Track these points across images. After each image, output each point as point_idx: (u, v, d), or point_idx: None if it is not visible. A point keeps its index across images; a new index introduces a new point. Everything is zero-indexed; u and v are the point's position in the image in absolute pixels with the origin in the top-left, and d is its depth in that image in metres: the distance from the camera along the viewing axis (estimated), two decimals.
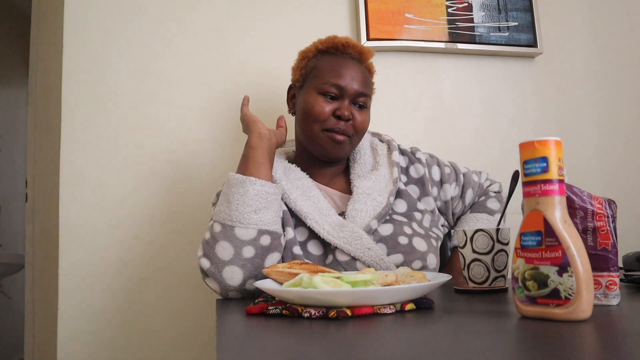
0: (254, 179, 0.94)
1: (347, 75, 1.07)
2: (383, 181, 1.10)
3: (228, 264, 0.90)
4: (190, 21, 1.45)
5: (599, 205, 0.67)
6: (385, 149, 1.18)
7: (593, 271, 0.59)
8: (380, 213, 1.04)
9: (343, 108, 1.06)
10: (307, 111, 1.08)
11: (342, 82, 1.07)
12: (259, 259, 0.91)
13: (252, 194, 0.93)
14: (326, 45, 1.13)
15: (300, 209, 1.02)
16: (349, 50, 1.11)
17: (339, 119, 1.06)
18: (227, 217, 0.92)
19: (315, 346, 0.51)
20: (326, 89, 1.07)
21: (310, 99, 1.08)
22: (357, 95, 1.08)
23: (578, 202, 0.67)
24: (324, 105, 1.06)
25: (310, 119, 1.07)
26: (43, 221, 1.52)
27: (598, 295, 0.65)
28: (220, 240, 0.91)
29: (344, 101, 1.07)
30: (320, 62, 1.11)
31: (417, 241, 1.02)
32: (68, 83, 1.35)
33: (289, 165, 1.12)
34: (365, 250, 0.97)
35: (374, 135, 1.25)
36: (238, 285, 0.90)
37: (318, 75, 1.09)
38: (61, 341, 1.27)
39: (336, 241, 0.98)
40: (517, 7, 1.63)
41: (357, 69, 1.10)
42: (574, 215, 0.67)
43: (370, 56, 1.15)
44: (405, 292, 0.66)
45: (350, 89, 1.07)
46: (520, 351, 0.46)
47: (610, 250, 0.66)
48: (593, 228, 0.67)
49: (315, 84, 1.08)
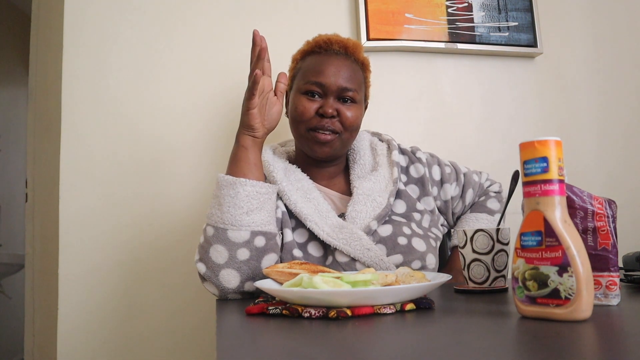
0: (244, 180, 0.92)
1: (328, 71, 1.06)
2: (383, 182, 1.10)
3: (224, 267, 0.89)
4: (190, 21, 1.45)
5: (599, 205, 0.67)
6: (385, 148, 1.17)
7: (593, 271, 0.59)
8: (380, 214, 1.03)
9: (326, 105, 1.04)
10: (292, 112, 1.08)
11: (323, 80, 1.05)
12: (255, 261, 0.90)
13: (243, 195, 0.91)
14: (311, 46, 1.12)
15: (300, 211, 1.02)
16: (333, 47, 1.09)
17: (322, 117, 1.05)
18: (219, 220, 0.91)
19: (315, 346, 0.51)
20: (307, 88, 1.06)
21: (295, 100, 1.07)
22: (341, 90, 1.06)
23: (578, 202, 0.67)
24: (306, 104, 1.05)
25: (296, 120, 1.07)
26: (43, 221, 1.52)
27: (598, 296, 0.65)
28: (214, 244, 0.90)
29: (328, 98, 1.06)
30: (304, 63, 1.10)
31: (416, 241, 1.02)
32: (68, 83, 1.35)
33: (290, 165, 1.11)
34: (365, 251, 0.97)
35: (374, 135, 1.24)
36: (235, 288, 0.90)
37: (302, 76, 1.09)
38: (61, 341, 1.27)
39: (335, 242, 0.98)
40: (517, 7, 1.63)
41: (341, 63, 1.07)
42: (574, 215, 0.67)
43: (358, 49, 1.12)
44: (405, 292, 0.66)
45: (333, 85, 1.05)
46: (520, 351, 0.46)
47: (610, 250, 0.66)
48: (593, 228, 0.67)
49: (300, 84, 1.08)
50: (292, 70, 1.15)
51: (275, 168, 1.07)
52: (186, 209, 1.38)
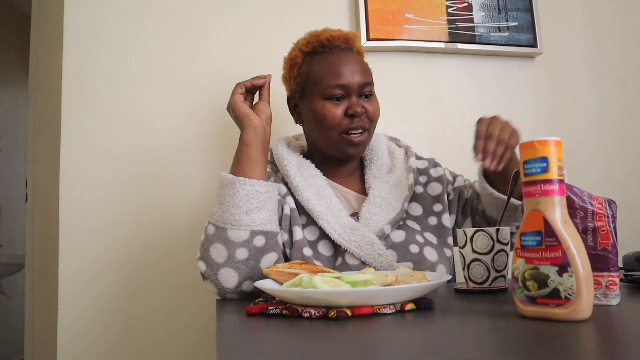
0: (243, 179, 0.91)
1: (345, 71, 1.04)
2: (399, 186, 1.09)
3: (223, 267, 0.89)
4: (190, 21, 1.45)
5: (599, 205, 0.67)
6: (402, 154, 1.17)
7: (593, 271, 0.59)
8: (395, 218, 1.02)
9: (354, 105, 1.03)
10: (319, 120, 1.05)
11: (344, 81, 1.03)
12: (254, 261, 0.90)
13: (242, 194, 0.90)
14: (312, 46, 1.09)
15: (312, 208, 1.01)
16: (336, 43, 1.07)
17: (352, 117, 1.03)
18: (219, 219, 0.91)
19: (315, 346, 0.51)
20: (331, 93, 1.03)
21: (317, 107, 1.04)
22: (361, 87, 1.05)
23: (578, 202, 0.67)
24: (333, 110, 1.03)
25: (325, 127, 1.04)
26: (43, 221, 1.52)
27: (598, 296, 0.65)
28: (214, 243, 0.90)
29: (351, 98, 1.04)
30: (313, 66, 1.07)
31: (428, 251, 1.01)
32: (68, 83, 1.35)
33: (304, 160, 1.10)
34: (376, 256, 0.96)
35: (392, 139, 1.23)
36: (234, 287, 0.90)
37: (317, 81, 1.05)
38: (61, 341, 1.27)
39: (347, 245, 0.97)
40: (517, 7, 1.63)
41: (352, 59, 1.06)
42: (574, 216, 0.67)
43: (357, 39, 1.11)
44: (405, 292, 0.66)
45: (354, 84, 1.04)
46: (520, 351, 0.46)
47: (610, 250, 0.66)
48: (593, 228, 0.67)
49: (318, 90, 1.05)
50: (296, 76, 1.10)
51: (289, 162, 1.06)
52: (187, 209, 1.38)
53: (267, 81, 1.06)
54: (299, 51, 1.10)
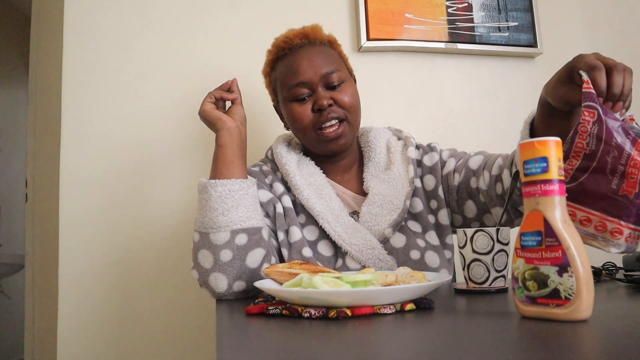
0: (213, 181, 0.90)
1: (302, 67, 1.03)
2: (399, 182, 1.06)
3: (211, 272, 0.88)
4: (190, 21, 1.45)
5: (637, 152, 0.62)
6: (400, 145, 1.13)
7: (603, 213, 0.57)
8: (397, 220, 1.01)
9: (319, 99, 1.02)
10: (293, 123, 1.06)
11: (302, 78, 1.02)
12: (239, 260, 0.88)
13: (215, 197, 0.89)
14: (274, 52, 1.09)
15: (312, 207, 1.01)
16: (295, 42, 1.06)
17: (320, 111, 1.02)
18: (201, 225, 0.90)
19: (315, 346, 0.51)
20: (295, 94, 1.03)
21: (288, 111, 1.06)
22: (324, 77, 1.02)
23: (615, 140, 0.61)
24: (300, 110, 1.03)
25: (299, 129, 1.05)
26: (43, 221, 1.52)
27: (599, 238, 0.63)
28: (200, 249, 0.89)
29: (317, 92, 1.03)
30: (277, 72, 1.08)
31: (429, 256, 1.00)
32: (68, 83, 1.35)
33: (303, 157, 1.10)
34: (377, 261, 0.96)
35: (395, 132, 1.20)
36: (225, 291, 0.89)
37: (282, 85, 1.06)
38: (61, 341, 1.27)
39: (348, 247, 0.97)
40: (517, 7, 1.63)
41: (310, 53, 1.04)
42: (606, 152, 0.62)
43: (317, 31, 1.09)
44: (405, 292, 0.66)
45: (314, 77, 1.02)
46: (520, 351, 0.46)
47: (632, 200, 0.62)
48: (622, 172, 0.62)
49: (284, 94, 1.06)
50: (269, 86, 1.13)
51: (287, 160, 1.06)
52: (186, 209, 1.38)
53: (236, 94, 1.04)
54: (267, 60, 1.11)
